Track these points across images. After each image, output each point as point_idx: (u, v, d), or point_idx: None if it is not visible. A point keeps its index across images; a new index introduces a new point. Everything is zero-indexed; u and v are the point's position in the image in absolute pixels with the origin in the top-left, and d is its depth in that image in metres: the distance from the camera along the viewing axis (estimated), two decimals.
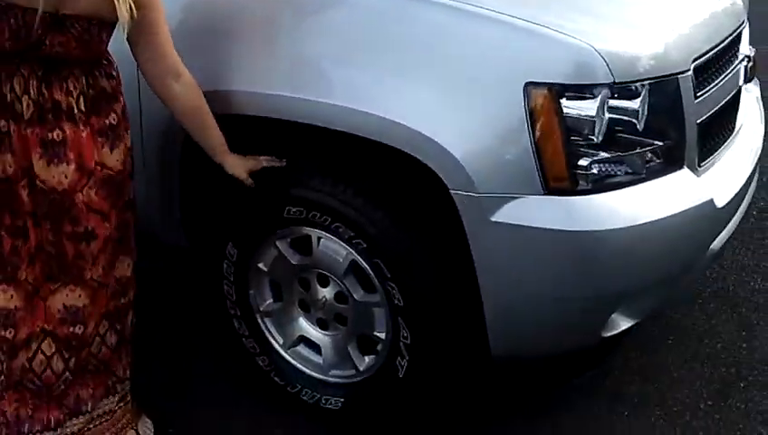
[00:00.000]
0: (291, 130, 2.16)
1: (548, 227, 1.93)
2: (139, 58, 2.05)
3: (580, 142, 1.92)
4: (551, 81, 1.88)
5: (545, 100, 1.89)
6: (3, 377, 2.16)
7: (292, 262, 2.32)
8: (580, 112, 1.90)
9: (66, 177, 2.01)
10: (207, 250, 2.42)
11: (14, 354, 2.14)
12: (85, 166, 2.03)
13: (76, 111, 2.00)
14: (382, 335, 2.26)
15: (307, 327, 2.43)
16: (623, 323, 2.17)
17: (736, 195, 2.29)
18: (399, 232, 2.09)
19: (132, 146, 2.18)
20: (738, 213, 2.39)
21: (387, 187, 2.13)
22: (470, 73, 1.94)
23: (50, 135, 1.98)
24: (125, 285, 2.24)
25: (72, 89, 1.99)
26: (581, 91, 1.89)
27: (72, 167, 2.02)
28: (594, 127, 1.91)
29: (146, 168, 2.39)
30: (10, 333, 2.11)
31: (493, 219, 1.95)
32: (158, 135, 2.33)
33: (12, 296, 2.09)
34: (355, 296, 2.25)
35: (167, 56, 2.05)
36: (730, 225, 2.32)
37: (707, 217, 2.14)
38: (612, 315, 2.11)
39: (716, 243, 2.25)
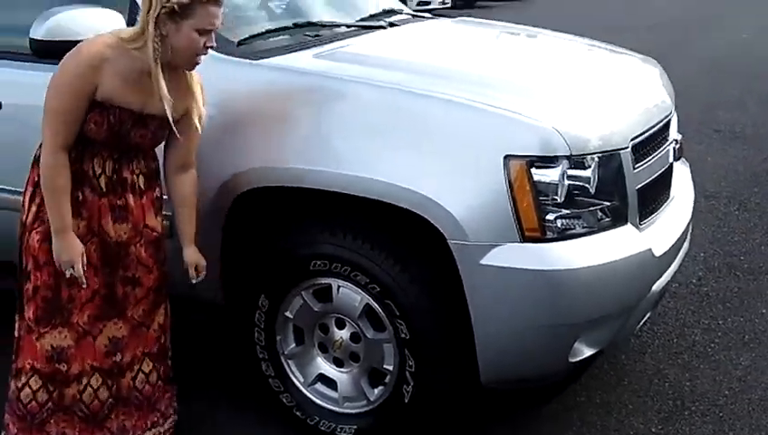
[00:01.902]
0: (316, 197, 2.70)
1: (524, 267, 2.47)
2: (170, 145, 2.62)
3: (548, 202, 2.48)
4: (524, 153, 2.46)
5: (520, 169, 2.46)
6: (51, 403, 2.63)
7: (315, 309, 2.81)
8: (546, 179, 2.47)
9: (125, 233, 2.59)
10: (242, 302, 2.90)
11: (67, 385, 2.62)
12: (138, 227, 2.61)
13: (137, 186, 2.61)
14: (390, 367, 2.74)
15: (325, 366, 2.89)
16: (586, 351, 2.68)
17: (672, 247, 2.86)
18: (407, 276, 2.61)
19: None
20: (674, 264, 2.96)
21: (396, 240, 2.66)
22: (461, 149, 2.51)
23: (118, 202, 2.57)
24: (163, 328, 2.76)
25: (135, 169, 2.61)
26: (547, 162, 2.47)
27: (130, 226, 2.59)
28: (557, 190, 2.48)
29: None
30: (63, 366, 2.60)
31: (481, 262, 2.48)
32: (206, 205, 2.83)
33: (66, 336, 2.58)
34: (368, 335, 2.74)
35: (189, 153, 2.63)
36: (668, 272, 2.88)
37: (648, 263, 2.71)
38: (576, 343, 2.63)
39: (657, 286, 2.80)
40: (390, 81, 2.69)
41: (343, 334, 2.81)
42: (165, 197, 2.71)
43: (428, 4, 17.88)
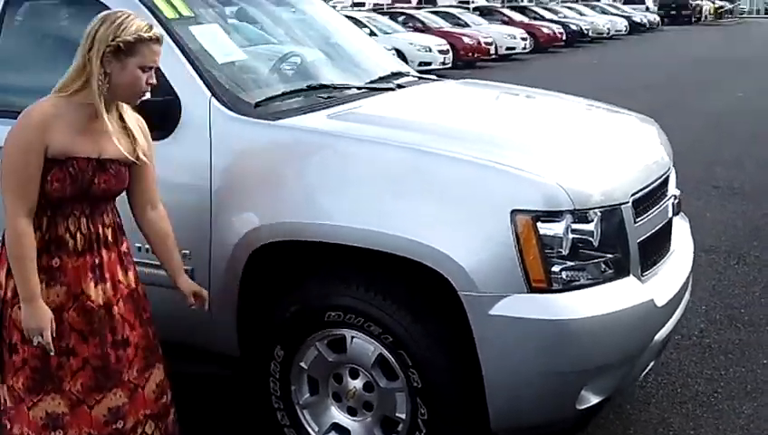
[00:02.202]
0: (329, 250, 2.82)
1: (532, 317, 2.58)
2: (132, 189, 2.62)
3: (553, 254, 2.60)
4: (530, 208, 2.59)
5: (526, 223, 2.58)
6: None
7: (329, 359, 2.91)
8: (551, 232, 2.60)
9: (104, 293, 2.54)
10: (258, 353, 3.00)
11: None
12: (114, 283, 2.58)
13: (108, 240, 2.58)
14: (403, 416, 2.82)
15: (339, 415, 2.98)
16: (593, 398, 2.77)
17: (673, 298, 2.97)
18: (419, 327, 2.72)
19: (197, 269, 2.87)
20: (676, 314, 3.06)
21: (408, 291, 2.77)
22: (469, 204, 2.64)
23: (95, 260, 2.54)
24: (162, 387, 2.72)
25: (106, 223, 2.58)
26: (552, 216, 2.60)
27: (108, 284, 2.55)
28: (562, 243, 2.60)
29: (211, 287, 3.00)
30: (59, 433, 2.54)
31: (490, 313, 2.59)
32: (224, 260, 2.95)
33: (59, 403, 2.53)
34: (381, 384, 2.83)
35: (152, 189, 2.67)
36: (670, 322, 2.99)
37: (650, 313, 2.82)
38: (583, 390, 2.72)
39: (660, 335, 2.90)
40: (401, 140, 2.84)
41: (357, 384, 2.90)
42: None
43: (430, 64, 18.46)
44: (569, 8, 32.88)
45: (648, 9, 43.74)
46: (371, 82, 3.64)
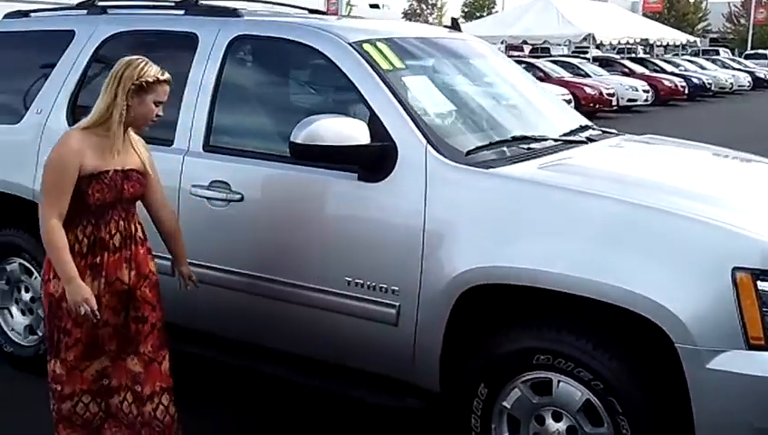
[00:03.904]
0: (538, 296, 2.94)
1: (751, 373, 2.63)
2: (145, 194, 3.19)
3: None
4: (751, 266, 2.65)
5: (747, 280, 2.64)
6: (101, 413, 3.24)
7: (533, 401, 3.01)
8: None
9: (131, 278, 3.17)
10: (462, 390, 3.12)
11: (111, 396, 3.24)
12: (142, 272, 3.20)
13: (140, 236, 3.22)
14: None
15: None
16: None
17: None
18: (631, 376, 2.79)
19: (404, 305, 3.10)
20: None
21: (619, 341, 2.85)
22: (689, 259, 2.72)
23: (128, 253, 3.16)
24: (170, 368, 3.25)
25: (136, 222, 3.21)
26: None
27: (134, 272, 3.18)
28: None
29: (418, 322, 3.16)
30: (105, 381, 3.22)
31: (708, 367, 2.65)
32: (433, 299, 3.10)
33: (104, 360, 3.19)
34: (585, 429, 2.91)
35: (158, 193, 3.26)
36: None
37: None
38: None
39: None
40: (616, 192, 2.95)
41: (560, 427, 2.98)
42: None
43: None
44: (690, 62, 32.30)
45: None
46: (564, 134, 3.77)
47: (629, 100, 22.77)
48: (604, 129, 4.19)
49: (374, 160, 3.23)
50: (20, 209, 4.19)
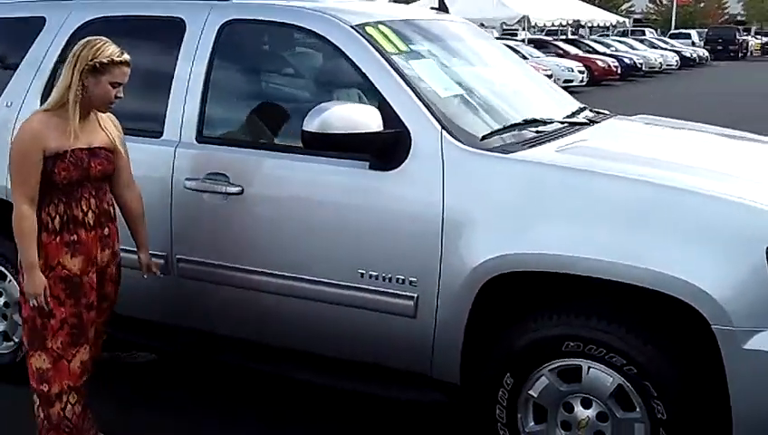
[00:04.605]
0: (566, 281, 2.88)
1: None
2: (113, 175, 3.19)
3: None
4: None
5: None
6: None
7: (560, 389, 2.95)
8: None
9: (105, 257, 3.20)
10: (486, 381, 3.05)
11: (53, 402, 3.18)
12: (114, 251, 3.24)
13: (112, 214, 3.22)
14: None
15: None
16: None
17: None
18: (666, 359, 2.76)
19: (423, 296, 3.02)
20: None
21: (652, 324, 2.81)
22: (723, 240, 2.69)
23: (102, 232, 3.17)
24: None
25: (109, 199, 3.20)
26: None
27: (108, 251, 3.20)
28: None
29: (438, 314, 3.07)
30: (85, 377, 3.21)
31: (745, 347, 2.63)
32: (454, 289, 3.02)
33: (87, 350, 3.17)
34: (617, 415, 2.87)
35: (125, 172, 3.24)
36: None
37: None
38: None
39: None
40: (641, 174, 2.90)
41: (590, 413, 2.93)
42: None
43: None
44: (619, 42, 32.90)
45: (693, 44, 43.62)
46: (567, 117, 3.72)
47: (566, 81, 22.99)
48: (597, 109, 4.15)
49: (386, 148, 3.11)
50: None
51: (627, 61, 28.22)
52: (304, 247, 3.28)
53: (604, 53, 28.27)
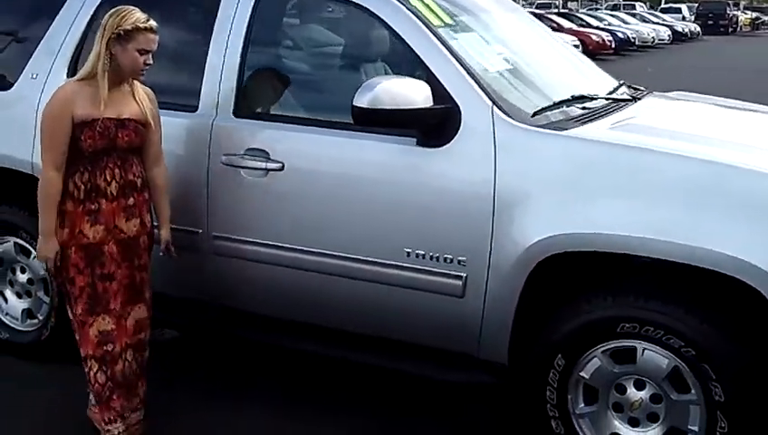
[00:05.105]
0: (622, 262, 2.83)
1: None
2: (143, 147, 3.19)
3: None
4: None
5: None
6: (110, 382, 3.21)
7: (614, 370, 2.91)
8: None
9: (135, 227, 3.19)
10: (536, 362, 3.00)
11: (115, 362, 3.21)
12: (143, 221, 3.22)
13: (139, 185, 3.19)
14: (695, 428, 2.82)
15: (620, 426, 2.97)
16: None
17: None
18: (725, 340, 2.72)
19: (472, 276, 2.98)
20: None
21: (710, 304, 2.77)
22: None
23: (127, 202, 3.16)
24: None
25: (136, 171, 3.18)
26: None
27: (138, 220, 3.20)
28: None
29: (487, 293, 3.02)
30: (110, 347, 3.19)
31: None
32: (505, 269, 2.96)
33: (108, 322, 3.18)
34: (672, 396, 2.83)
35: (155, 147, 3.23)
36: None
37: None
38: None
39: None
40: (696, 152, 2.85)
41: (643, 395, 2.90)
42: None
43: None
44: (612, 16, 32.79)
45: (684, 18, 43.58)
46: (610, 93, 3.65)
47: None
48: (634, 85, 4.08)
49: (436, 125, 3.04)
50: (16, 184, 3.85)
51: (620, 35, 28.18)
52: (348, 226, 3.21)
53: (598, 27, 28.17)
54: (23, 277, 4.03)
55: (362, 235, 3.19)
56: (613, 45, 26.54)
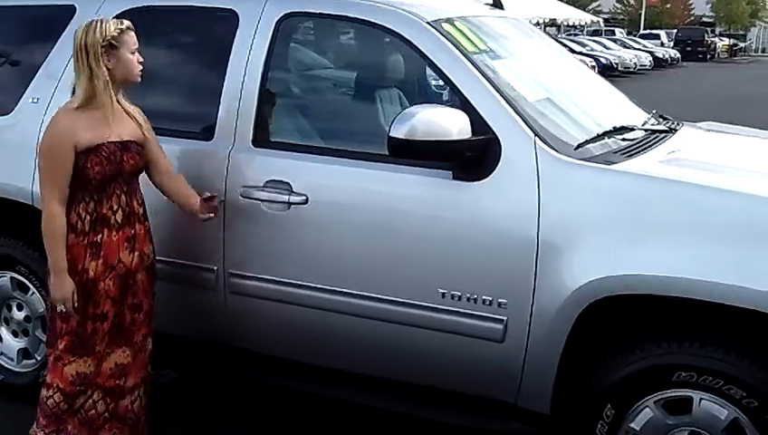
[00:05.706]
0: (675, 306, 2.64)
1: None
2: (147, 164, 3.06)
3: None
4: None
5: None
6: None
7: (667, 421, 2.72)
8: None
9: (133, 260, 3.01)
10: (582, 412, 2.81)
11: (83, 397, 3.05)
12: (143, 254, 3.05)
13: (140, 214, 3.05)
14: None
15: None
16: None
17: None
18: None
19: (513, 320, 2.80)
20: None
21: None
22: None
23: (130, 232, 3.00)
24: (150, 358, 3.14)
25: (139, 198, 3.05)
26: None
27: (137, 253, 3.02)
28: None
29: (530, 338, 2.82)
30: (82, 389, 3.02)
31: None
32: (550, 312, 2.77)
33: (89, 364, 3.01)
34: None
35: (161, 159, 3.09)
36: None
37: None
38: None
39: None
40: (753, 189, 2.70)
41: None
42: None
43: None
44: (594, 41, 33.00)
45: (662, 44, 43.99)
46: (647, 124, 3.49)
47: None
48: (663, 115, 3.93)
49: (474, 157, 2.85)
50: (15, 216, 3.62)
51: (603, 60, 28.32)
52: (377, 263, 3.01)
53: (581, 53, 28.25)
54: (19, 315, 3.79)
55: (393, 273, 2.99)
56: (596, 71, 26.58)
